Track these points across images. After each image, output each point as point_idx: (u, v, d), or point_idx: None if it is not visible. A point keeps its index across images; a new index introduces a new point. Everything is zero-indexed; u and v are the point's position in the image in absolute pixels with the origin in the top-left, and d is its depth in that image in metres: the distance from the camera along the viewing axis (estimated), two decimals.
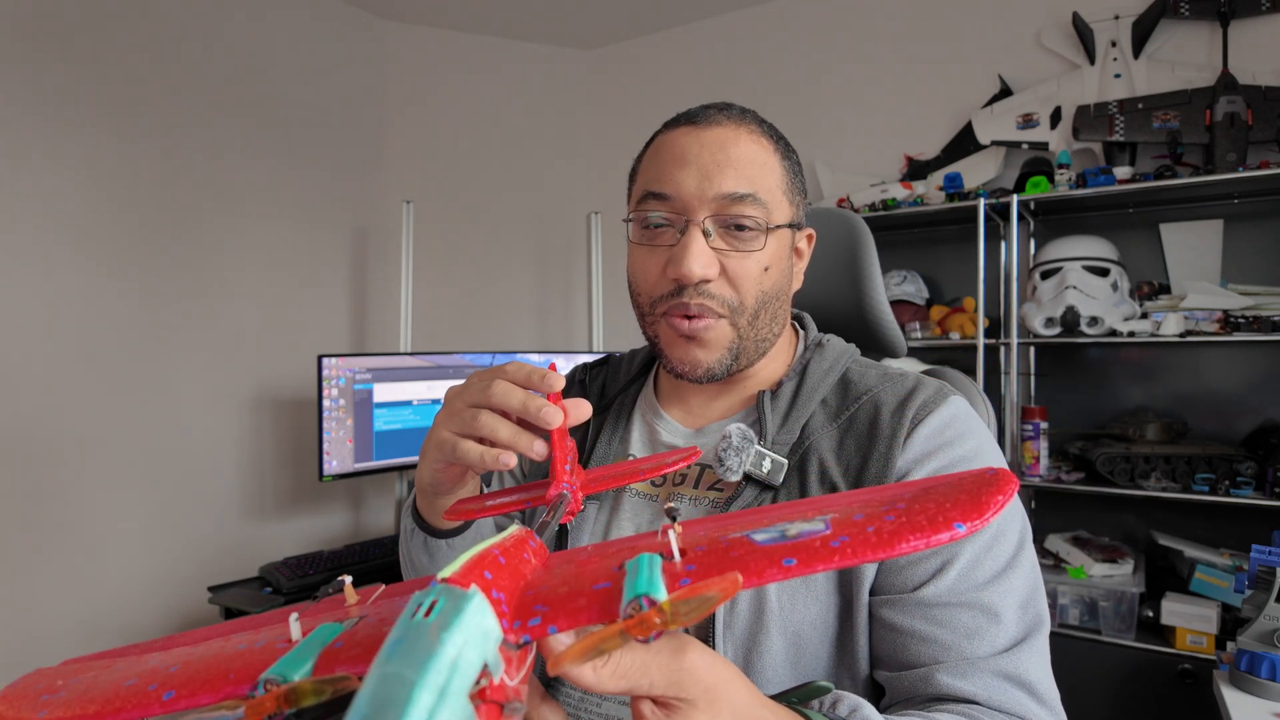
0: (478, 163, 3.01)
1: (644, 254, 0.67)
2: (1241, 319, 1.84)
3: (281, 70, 2.56)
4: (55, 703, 0.36)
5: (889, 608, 0.58)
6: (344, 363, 2.18)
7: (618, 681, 0.33)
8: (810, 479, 0.63)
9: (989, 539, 0.58)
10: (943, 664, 0.55)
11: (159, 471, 2.23)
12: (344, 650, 0.33)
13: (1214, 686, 1.25)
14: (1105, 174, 1.98)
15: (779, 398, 0.68)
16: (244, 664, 0.34)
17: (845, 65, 2.64)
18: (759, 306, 0.66)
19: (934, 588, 0.56)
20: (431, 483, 0.59)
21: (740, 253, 0.64)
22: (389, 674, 0.24)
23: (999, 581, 0.57)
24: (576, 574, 0.34)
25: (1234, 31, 2.03)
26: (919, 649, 0.56)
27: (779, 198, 0.66)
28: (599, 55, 3.16)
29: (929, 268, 2.42)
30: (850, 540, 0.30)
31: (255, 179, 2.49)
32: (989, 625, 0.56)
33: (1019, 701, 0.54)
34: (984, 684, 0.54)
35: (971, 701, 0.54)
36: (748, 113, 0.68)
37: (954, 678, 0.54)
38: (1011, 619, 0.56)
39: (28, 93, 1.95)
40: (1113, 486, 1.92)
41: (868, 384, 0.68)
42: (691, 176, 0.63)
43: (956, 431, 0.63)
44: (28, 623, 1.94)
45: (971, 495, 0.32)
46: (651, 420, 0.75)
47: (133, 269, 2.17)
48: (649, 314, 0.68)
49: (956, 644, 0.55)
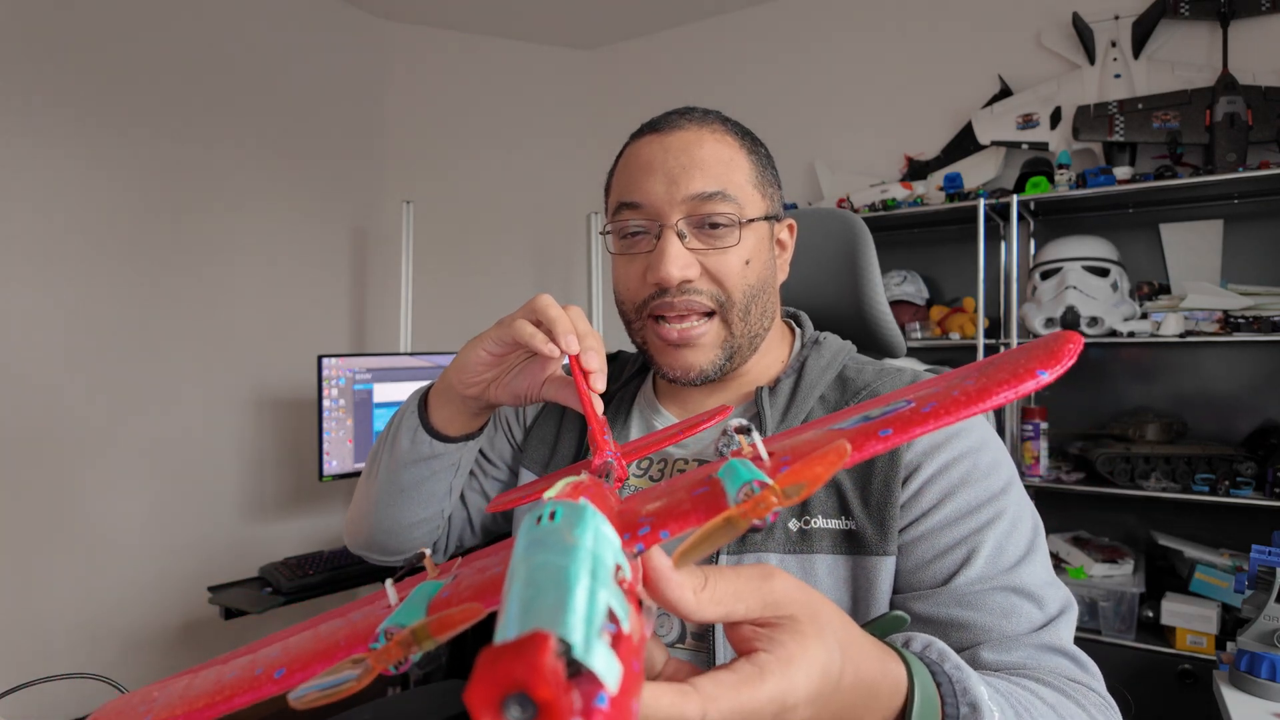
0: (478, 163, 3.01)
1: (624, 263, 0.68)
2: (1241, 319, 1.84)
3: (282, 70, 2.56)
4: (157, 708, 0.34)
5: (921, 602, 0.58)
6: (344, 363, 2.18)
7: (715, 608, 0.32)
8: None
9: (1008, 525, 0.59)
10: (984, 644, 0.55)
11: (159, 471, 2.23)
12: (452, 598, 0.32)
13: (1214, 687, 1.25)
14: (1105, 174, 1.98)
15: (777, 393, 0.69)
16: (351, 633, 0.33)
17: (845, 65, 2.64)
18: (748, 301, 0.67)
19: (965, 576, 0.57)
20: (461, 370, 0.64)
21: (718, 250, 0.65)
22: (537, 563, 0.23)
23: (1025, 564, 0.58)
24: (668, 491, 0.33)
25: (1234, 31, 2.03)
26: (959, 635, 0.56)
27: (749, 192, 0.67)
28: (599, 55, 3.16)
29: (929, 268, 2.42)
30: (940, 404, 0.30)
31: (255, 179, 2.49)
32: (1024, 604, 0.56)
33: (1064, 667, 0.55)
34: (1028, 655, 0.55)
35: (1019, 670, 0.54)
36: (711, 113, 0.69)
37: (998, 654, 0.55)
38: (1045, 597, 0.57)
39: (28, 97, 1.95)
40: (1113, 487, 1.92)
41: (866, 379, 0.68)
42: (659, 182, 0.64)
43: (962, 425, 0.63)
44: (28, 622, 1.94)
45: (1045, 349, 0.33)
46: (649, 417, 0.76)
47: (133, 269, 2.17)
48: (635, 320, 0.70)
49: (996, 625, 0.55)
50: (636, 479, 0.72)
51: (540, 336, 0.58)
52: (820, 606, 0.35)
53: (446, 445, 0.71)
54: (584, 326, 0.58)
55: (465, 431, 0.71)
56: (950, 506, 0.60)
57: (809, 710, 0.33)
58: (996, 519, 0.59)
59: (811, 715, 0.33)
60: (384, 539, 0.78)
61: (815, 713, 0.33)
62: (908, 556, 0.60)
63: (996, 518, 0.59)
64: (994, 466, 0.62)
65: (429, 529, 0.78)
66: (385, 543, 0.78)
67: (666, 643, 0.63)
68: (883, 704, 0.37)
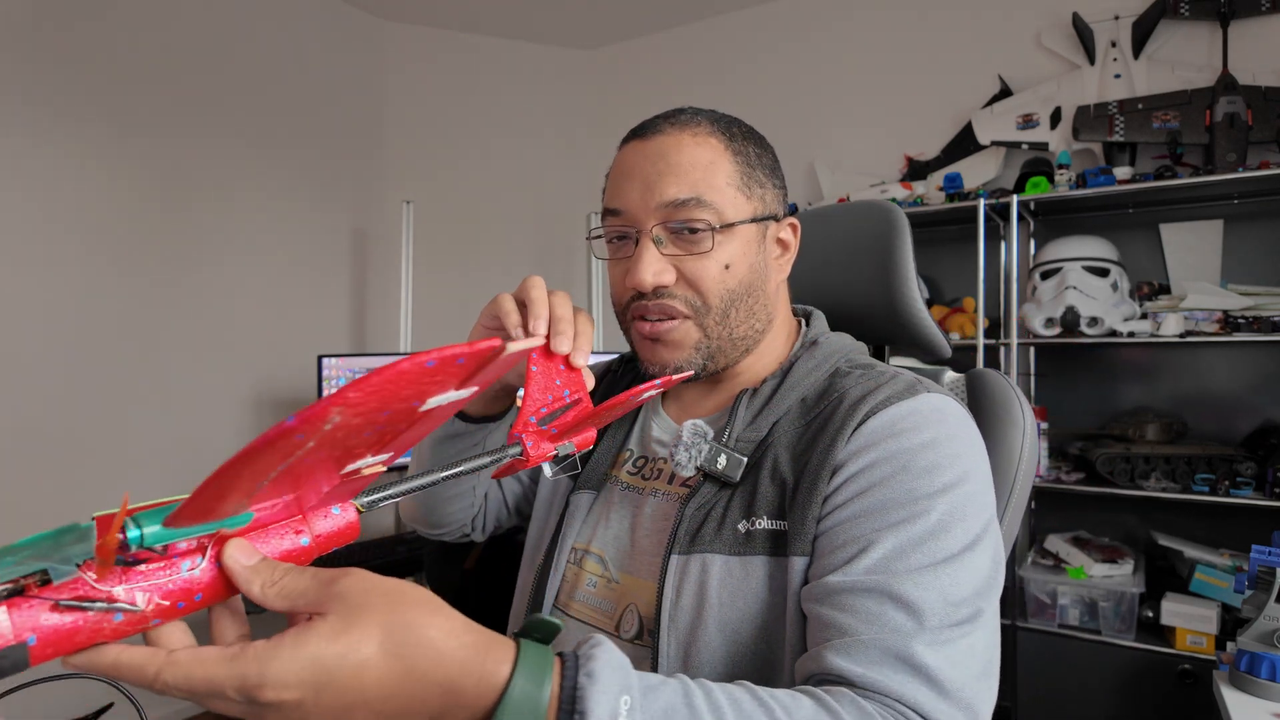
0: (478, 163, 3.01)
1: (611, 266, 0.71)
2: (1241, 319, 1.84)
3: (282, 71, 2.56)
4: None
5: (805, 597, 0.56)
6: (344, 363, 2.18)
7: (280, 601, 0.36)
8: (763, 477, 0.63)
9: (925, 529, 0.54)
10: (831, 642, 0.51)
11: (159, 471, 2.23)
12: None
13: (1214, 687, 1.25)
14: (1105, 174, 1.98)
15: (758, 395, 0.69)
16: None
17: (845, 65, 2.64)
18: (726, 305, 0.66)
19: (842, 574, 0.54)
20: None
21: (694, 255, 0.65)
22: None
23: (927, 573, 0.53)
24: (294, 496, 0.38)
25: (1234, 32, 2.03)
26: (818, 633, 0.53)
27: (731, 195, 0.66)
28: (599, 55, 3.17)
29: (929, 268, 2.42)
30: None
31: (255, 179, 2.49)
32: (896, 614, 0.51)
33: (905, 685, 0.49)
34: (869, 664, 0.49)
35: (847, 682, 0.49)
36: (700, 114, 0.68)
37: (839, 655, 0.50)
38: (931, 611, 0.51)
39: (28, 97, 1.95)
40: (1113, 487, 1.92)
41: (849, 381, 0.67)
42: (636, 189, 0.65)
43: (913, 423, 0.60)
44: None
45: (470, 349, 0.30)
46: (649, 416, 0.78)
47: (133, 269, 2.17)
48: (622, 321, 0.72)
49: (854, 628, 0.51)
50: (630, 476, 0.74)
51: (514, 316, 0.59)
52: (366, 609, 0.35)
53: (468, 425, 0.73)
54: (562, 311, 0.59)
55: (486, 413, 0.73)
56: (861, 503, 0.57)
57: (292, 694, 0.33)
58: (910, 520, 0.55)
59: (300, 699, 0.33)
60: (425, 513, 0.82)
61: (313, 698, 0.34)
62: (815, 553, 0.58)
63: (911, 519, 0.55)
64: (933, 467, 0.57)
65: (465, 504, 0.81)
66: (427, 516, 0.82)
67: (626, 639, 0.64)
68: (467, 702, 0.36)
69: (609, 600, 0.67)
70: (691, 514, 0.63)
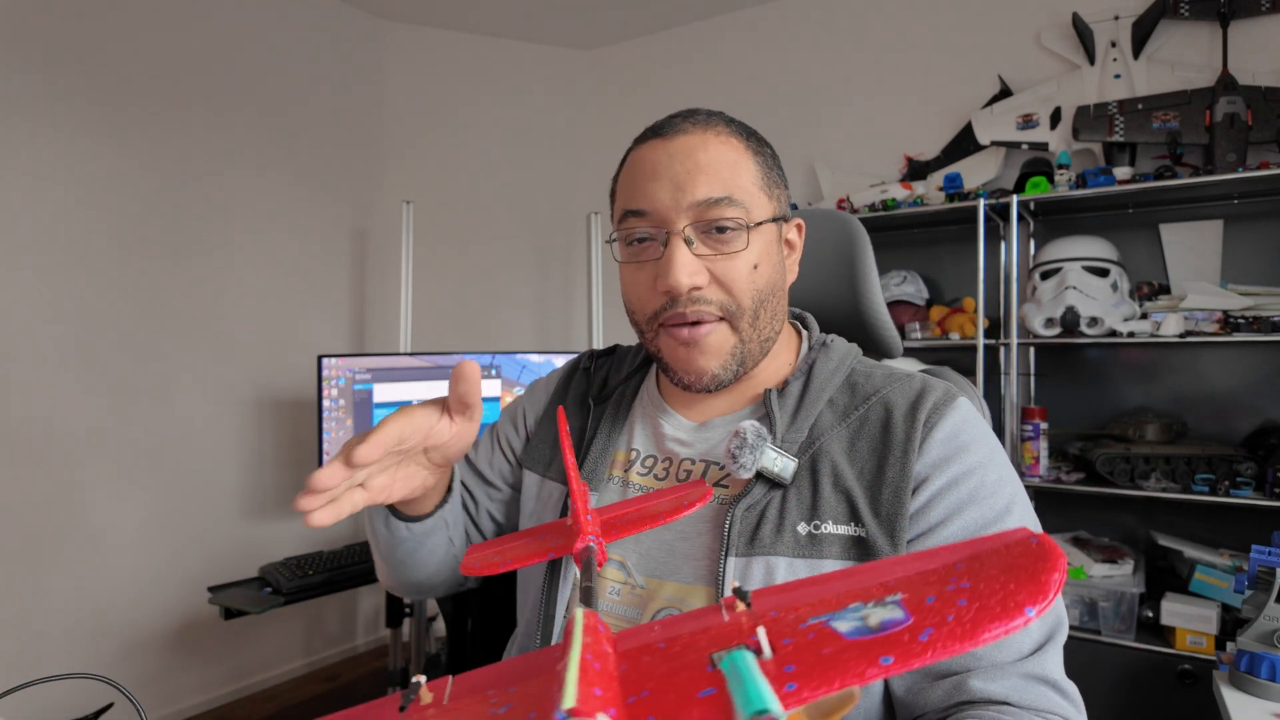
0: (478, 163, 3.01)
1: (632, 271, 0.68)
2: (1241, 319, 1.84)
3: (282, 71, 2.56)
4: None
5: None
6: (344, 363, 2.18)
7: None
8: (823, 481, 0.63)
9: None
10: (973, 670, 0.56)
11: (159, 471, 2.23)
12: None
13: (1214, 687, 1.25)
14: (1105, 174, 1.98)
15: (786, 396, 0.68)
16: None
17: (845, 65, 2.64)
18: (757, 306, 0.66)
19: None
20: None
21: (726, 255, 0.64)
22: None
23: None
24: (669, 675, 0.31)
25: (1234, 32, 2.03)
26: (948, 663, 0.57)
27: (756, 194, 0.66)
28: (599, 55, 3.17)
29: (929, 268, 2.42)
30: (936, 632, 0.29)
31: (255, 179, 2.49)
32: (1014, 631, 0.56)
33: (1049, 699, 0.55)
34: (1014, 686, 0.55)
35: (1004, 703, 0.55)
36: (715, 115, 0.68)
37: (986, 682, 0.55)
38: (1035, 623, 0.56)
39: (26, 95, 1.95)
40: (1113, 487, 1.92)
41: (875, 384, 0.68)
42: (665, 188, 0.63)
43: (969, 437, 0.64)
44: (28, 622, 1.94)
45: (1030, 574, 0.32)
46: (654, 414, 0.75)
47: (133, 269, 2.17)
48: (647, 330, 0.69)
49: (985, 653, 0.56)
50: (640, 477, 0.71)
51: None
52: None
53: (422, 522, 0.71)
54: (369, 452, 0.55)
55: (432, 505, 0.70)
56: (958, 524, 0.60)
57: None
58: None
59: None
60: (411, 592, 0.82)
61: None
62: None
63: None
64: (999, 484, 0.62)
65: (447, 574, 0.80)
66: (414, 592, 0.82)
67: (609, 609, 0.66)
68: None
69: (634, 607, 0.66)
70: (742, 515, 0.62)
